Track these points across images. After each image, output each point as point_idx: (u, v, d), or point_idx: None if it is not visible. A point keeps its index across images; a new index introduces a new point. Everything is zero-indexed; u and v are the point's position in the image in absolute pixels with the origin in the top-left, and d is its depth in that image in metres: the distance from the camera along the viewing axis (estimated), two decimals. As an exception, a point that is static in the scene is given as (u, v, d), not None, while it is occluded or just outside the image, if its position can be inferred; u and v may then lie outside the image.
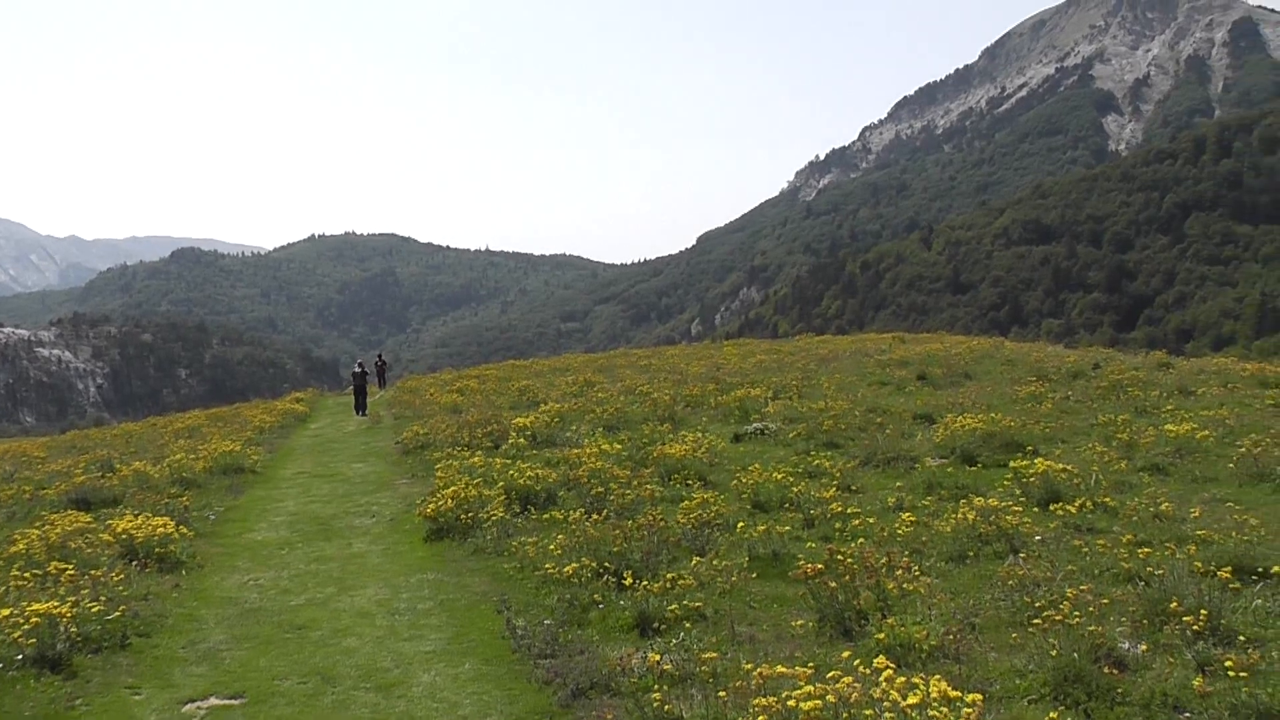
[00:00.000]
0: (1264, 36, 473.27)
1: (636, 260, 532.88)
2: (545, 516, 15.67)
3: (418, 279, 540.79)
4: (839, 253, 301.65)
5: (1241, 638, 9.13)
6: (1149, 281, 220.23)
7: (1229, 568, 10.42)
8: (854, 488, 17.02)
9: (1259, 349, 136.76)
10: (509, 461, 19.84)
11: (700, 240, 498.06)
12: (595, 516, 14.45)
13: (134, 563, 14.17)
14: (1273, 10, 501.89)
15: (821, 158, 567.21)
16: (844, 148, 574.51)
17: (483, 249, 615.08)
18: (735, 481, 17.33)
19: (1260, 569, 10.91)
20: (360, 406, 39.29)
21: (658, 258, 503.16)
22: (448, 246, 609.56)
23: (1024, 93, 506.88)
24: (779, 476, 16.83)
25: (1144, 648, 9.08)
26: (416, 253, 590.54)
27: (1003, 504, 13.80)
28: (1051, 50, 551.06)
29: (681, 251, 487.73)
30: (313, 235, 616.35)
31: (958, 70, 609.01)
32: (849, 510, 14.79)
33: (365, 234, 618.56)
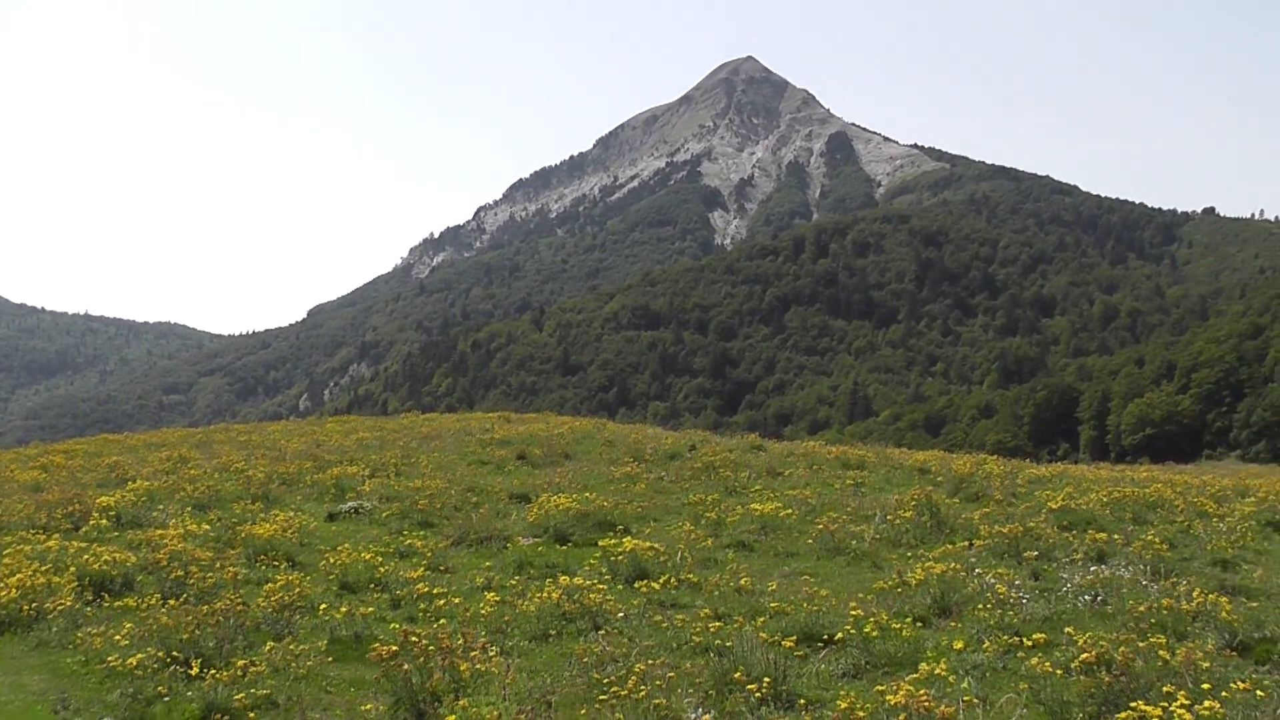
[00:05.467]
0: (857, 150, 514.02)
1: (245, 331, 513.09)
2: (119, 604, 14.63)
3: (7, 343, 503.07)
4: (450, 331, 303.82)
5: (803, 701, 9.52)
6: (751, 368, 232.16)
7: (795, 636, 10.97)
8: (444, 567, 16.78)
9: (851, 433, 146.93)
10: (86, 545, 18.56)
11: (311, 313, 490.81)
12: (172, 602, 13.66)
13: None
14: (864, 128, 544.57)
15: (436, 235, 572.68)
16: (458, 226, 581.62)
17: (81, 313, 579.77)
18: (324, 562, 16.74)
19: (826, 636, 11.44)
20: None
21: (266, 330, 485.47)
22: (42, 308, 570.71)
23: (636, 183, 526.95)
24: (369, 556, 16.40)
25: (708, 717, 9.23)
26: (6, 313, 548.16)
27: (589, 582, 13.91)
28: (663, 145, 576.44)
29: (291, 324, 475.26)
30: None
31: (572, 157, 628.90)
32: (436, 590, 14.53)
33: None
